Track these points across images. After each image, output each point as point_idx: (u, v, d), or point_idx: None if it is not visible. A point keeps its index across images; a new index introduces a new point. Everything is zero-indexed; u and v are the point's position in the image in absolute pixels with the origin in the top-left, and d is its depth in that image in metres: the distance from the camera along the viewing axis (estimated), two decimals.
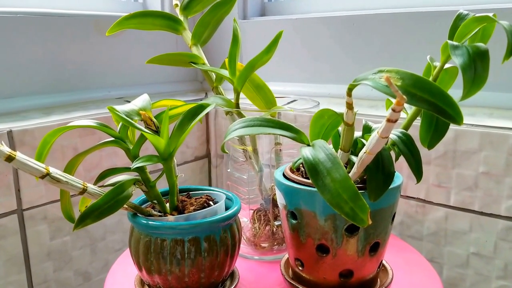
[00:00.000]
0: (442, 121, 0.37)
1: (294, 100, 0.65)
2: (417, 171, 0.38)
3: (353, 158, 0.41)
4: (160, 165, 0.79)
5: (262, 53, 0.50)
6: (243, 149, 0.56)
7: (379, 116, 0.65)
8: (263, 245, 0.57)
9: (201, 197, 0.48)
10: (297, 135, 0.38)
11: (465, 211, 0.60)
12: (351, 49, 0.76)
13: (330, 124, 0.43)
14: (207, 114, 0.87)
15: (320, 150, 0.36)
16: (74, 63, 0.75)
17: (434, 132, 0.37)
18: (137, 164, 0.41)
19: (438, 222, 0.63)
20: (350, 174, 0.38)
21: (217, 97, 0.55)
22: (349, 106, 0.36)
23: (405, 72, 0.30)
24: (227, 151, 0.54)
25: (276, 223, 0.56)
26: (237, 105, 0.54)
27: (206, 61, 0.57)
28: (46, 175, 0.38)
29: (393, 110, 0.28)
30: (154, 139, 0.41)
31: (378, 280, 0.48)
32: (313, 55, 0.80)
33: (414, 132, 0.40)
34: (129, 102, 0.45)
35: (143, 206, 0.47)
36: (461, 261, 0.62)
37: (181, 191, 0.50)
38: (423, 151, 0.42)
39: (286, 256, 0.52)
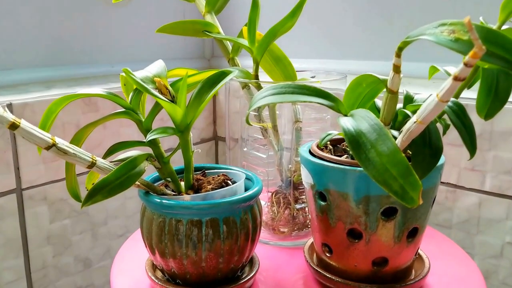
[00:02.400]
0: (504, 86, 0.32)
1: (313, 76, 0.60)
2: (471, 145, 0.34)
3: (394, 132, 0.37)
4: (168, 146, 0.75)
5: (286, 18, 0.46)
6: (261, 126, 0.52)
7: None
8: (282, 229, 0.52)
9: (218, 176, 0.44)
10: (334, 103, 0.34)
11: (502, 196, 0.56)
12: (373, 21, 0.71)
13: (368, 93, 0.38)
14: (216, 94, 0.83)
15: (362, 120, 0.32)
16: (76, 35, 0.71)
17: (494, 99, 0.33)
18: (152, 136, 0.36)
19: (470, 209, 0.59)
20: None
21: (234, 68, 0.51)
22: (397, 69, 0.32)
23: (474, 24, 0.26)
24: (251, 123, 0.50)
25: (297, 206, 0.52)
26: (256, 77, 0.50)
27: (221, 30, 0.52)
28: (52, 146, 0.33)
29: (466, 64, 0.23)
30: (170, 108, 0.37)
31: (413, 270, 0.44)
32: (331, 28, 0.75)
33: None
34: None
35: (155, 184, 0.43)
36: (495, 252, 0.58)
37: (196, 169, 0.46)
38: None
39: (310, 241, 0.48)
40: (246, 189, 0.43)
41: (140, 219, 0.41)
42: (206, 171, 0.46)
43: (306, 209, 0.52)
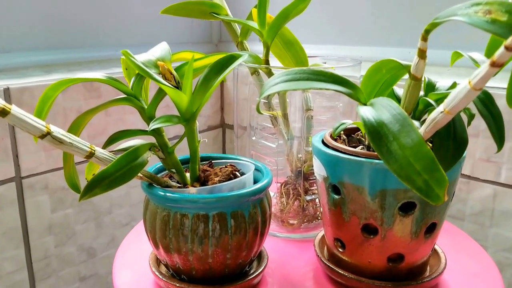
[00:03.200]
0: None
1: (324, 62, 0.57)
2: (498, 136, 0.32)
3: (415, 122, 0.34)
4: (174, 134, 0.72)
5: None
6: (270, 114, 0.49)
7: None
8: (291, 222, 0.50)
9: (226, 167, 0.41)
10: (353, 91, 0.31)
11: None
12: (387, 5, 0.68)
13: (387, 80, 0.36)
14: (224, 80, 0.80)
15: (383, 110, 0.29)
16: (79, 18, 0.68)
17: None
18: (155, 125, 0.34)
19: (484, 201, 0.57)
20: None
21: (243, 52, 0.48)
22: (422, 54, 0.29)
23: None
24: (262, 112, 0.47)
25: (307, 197, 0.50)
26: (266, 62, 0.47)
27: (229, 12, 0.50)
28: (46, 135, 0.31)
29: (507, 47, 0.21)
30: (175, 95, 0.34)
31: (428, 265, 0.42)
32: (343, 13, 0.72)
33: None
34: None
35: (159, 176, 0.41)
36: (509, 244, 0.56)
37: (202, 159, 0.43)
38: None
39: (320, 234, 0.46)
40: (255, 181, 0.41)
41: (143, 212, 0.39)
42: (213, 162, 0.43)
43: (317, 200, 0.50)
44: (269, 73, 0.47)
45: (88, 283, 0.65)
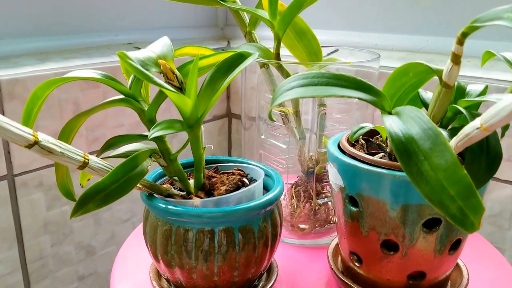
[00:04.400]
0: None
1: (336, 51, 0.53)
2: None
3: (443, 132, 0.31)
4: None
5: None
6: (281, 111, 0.46)
7: None
8: (302, 226, 0.47)
9: (233, 173, 0.38)
10: (377, 98, 0.28)
11: None
12: None
13: (412, 84, 0.32)
14: None
15: (412, 122, 0.26)
16: (75, 1, 0.64)
17: None
18: (155, 132, 0.31)
19: (504, 202, 0.53)
20: None
21: (251, 45, 0.44)
22: (457, 59, 0.26)
23: None
24: (274, 119, 0.44)
25: (320, 201, 0.46)
26: (277, 56, 0.43)
27: None
28: (34, 144, 0.28)
29: None
30: (178, 99, 0.31)
31: (449, 280, 0.39)
32: None
33: None
34: (138, 49, 0.34)
35: (159, 182, 0.38)
36: None
37: (207, 162, 0.40)
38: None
39: (334, 243, 0.43)
40: (265, 187, 0.38)
41: (143, 223, 0.36)
42: (219, 166, 0.40)
43: (329, 203, 0.47)
44: (280, 68, 0.43)
45: (87, 282, 0.62)
